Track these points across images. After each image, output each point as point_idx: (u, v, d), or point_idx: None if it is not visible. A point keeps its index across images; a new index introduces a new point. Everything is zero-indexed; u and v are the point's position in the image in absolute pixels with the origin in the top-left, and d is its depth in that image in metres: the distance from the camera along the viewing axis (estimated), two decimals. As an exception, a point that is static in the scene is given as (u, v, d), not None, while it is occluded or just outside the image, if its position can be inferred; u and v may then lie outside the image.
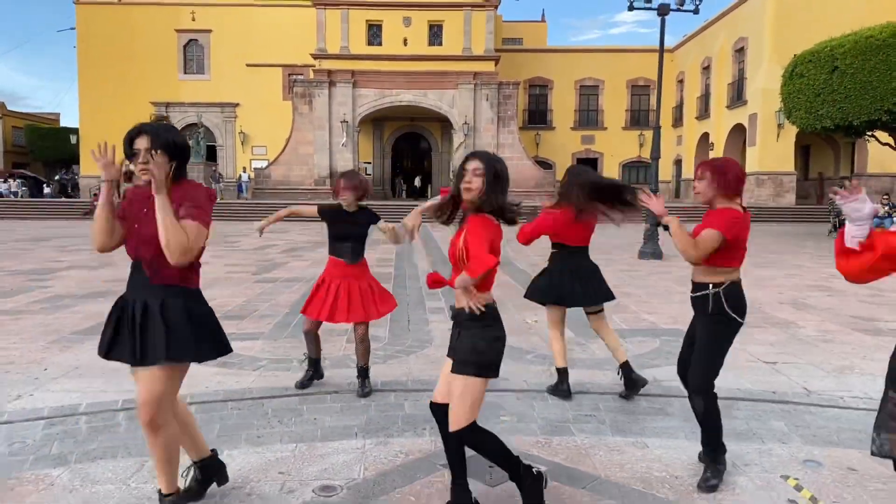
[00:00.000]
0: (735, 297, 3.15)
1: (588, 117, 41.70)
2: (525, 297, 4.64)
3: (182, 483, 2.87)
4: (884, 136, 18.46)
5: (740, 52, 31.79)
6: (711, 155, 35.19)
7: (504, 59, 38.17)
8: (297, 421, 4.01)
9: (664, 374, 4.88)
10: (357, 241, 4.42)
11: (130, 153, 2.61)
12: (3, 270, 10.94)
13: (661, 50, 13.57)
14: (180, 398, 2.90)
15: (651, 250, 12.87)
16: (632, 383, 4.39)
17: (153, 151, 2.50)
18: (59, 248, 14.89)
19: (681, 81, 39.59)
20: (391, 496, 3.03)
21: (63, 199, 35.61)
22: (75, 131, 46.07)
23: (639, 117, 41.43)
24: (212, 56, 39.47)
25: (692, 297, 3.28)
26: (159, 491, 2.78)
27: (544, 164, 38.97)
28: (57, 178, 37.20)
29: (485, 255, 2.54)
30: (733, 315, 3.14)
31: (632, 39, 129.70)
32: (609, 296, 4.50)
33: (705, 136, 35.84)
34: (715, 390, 3.22)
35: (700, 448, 3.34)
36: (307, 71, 37.13)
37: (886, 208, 17.97)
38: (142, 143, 2.56)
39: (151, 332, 2.59)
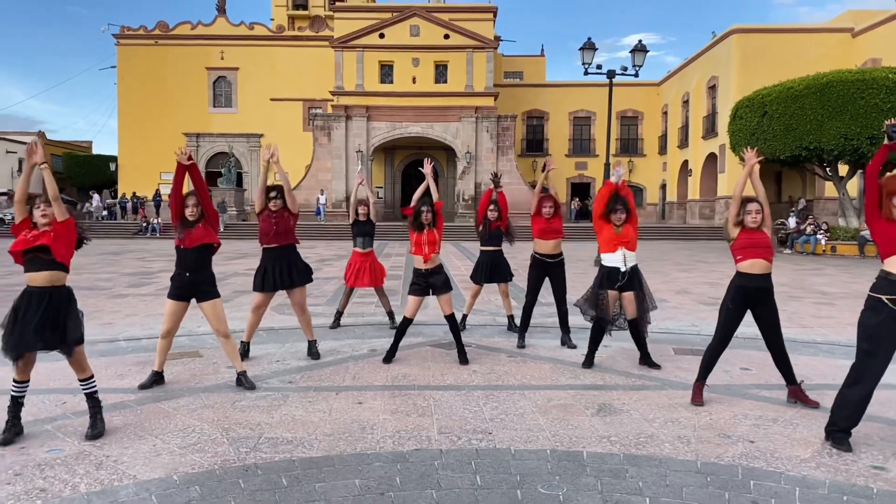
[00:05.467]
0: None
1: (581, 145, 45.53)
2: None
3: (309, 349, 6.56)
4: (813, 166, 22.09)
5: (712, 88, 35.61)
6: (690, 181, 38.89)
7: (504, 93, 42.16)
8: (355, 333, 7.73)
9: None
10: (370, 237, 8.12)
11: (268, 197, 6.27)
12: (118, 273, 14.76)
13: (610, 105, 17.26)
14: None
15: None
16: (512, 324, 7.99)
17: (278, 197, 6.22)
18: (138, 258, 18.72)
19: (665, 113, 43.39)
20: (407, 352, 6.69)
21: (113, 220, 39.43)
22: (112, 159, 50.29)
23: (628, 145, 45.23)
24: (239, 91, 43.66)
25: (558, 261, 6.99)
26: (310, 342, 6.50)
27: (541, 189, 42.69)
28: (114, 201, 41.19)
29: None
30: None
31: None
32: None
33: (685, 163, 39.54)
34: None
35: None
36: (325, 105, 41.21)
37: (812, 227, 21.52)
38: (273, 194, 6.25)
39: (297, 267, 6.30)
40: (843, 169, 22.28)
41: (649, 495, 3.44)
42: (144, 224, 31.16)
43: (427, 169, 6.67)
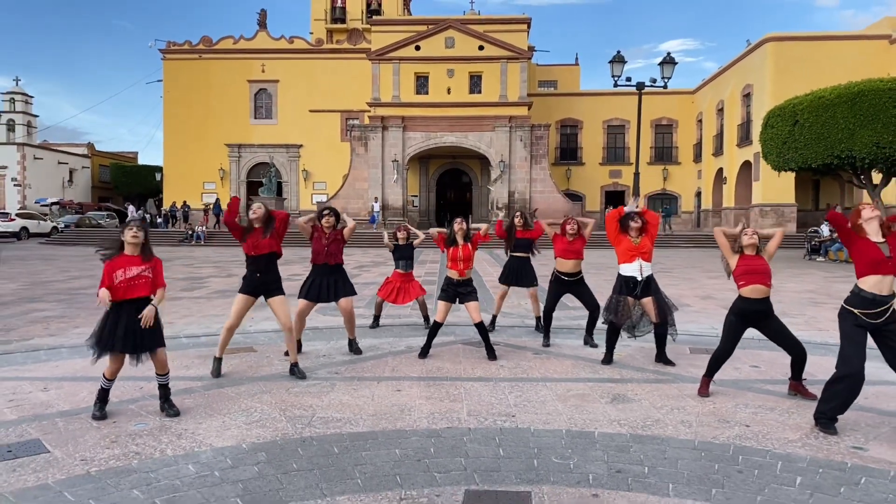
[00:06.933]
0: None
1: (615, 154, 45.74)
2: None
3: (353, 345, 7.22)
4: (847, 174, 22.15)
5: (747, 97, 35.62)
6: (725, 189, 38.85)
7: (537, 102, 42.68)
8: (392, 332, 8.38)
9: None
10: (411, 259, 8.77)
11: (320, 215, 6.98)
12: (169, 278, 15.60)
13: (639, 116, 17.72)
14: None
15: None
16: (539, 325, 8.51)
17: (331, 214, 6.90)
18: (185, 265, 19.71)
19: (700, 121, 43.38)
20: (441, 348, 7.30)
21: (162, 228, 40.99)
22: (158, 169, 52.04)
23: (662, 153, 45.31)
24: (279, 103, 44.89)
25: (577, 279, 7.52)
26: (351, 340, 7.15)
27: (575, 197, 43.19)
28: (164, 209, 42.86)
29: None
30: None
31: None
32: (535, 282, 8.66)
33: (720, 171, 39.50)
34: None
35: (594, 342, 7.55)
36: (362, 116, 42.24)
37: (834, 234, 21.51)
38: (327, 212, 6.95)
39: (342, 283, 6.96)
40: (876, 177, 22.30)
41: (648, 465, 3.99)
42: (190, 232, 32.35)
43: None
